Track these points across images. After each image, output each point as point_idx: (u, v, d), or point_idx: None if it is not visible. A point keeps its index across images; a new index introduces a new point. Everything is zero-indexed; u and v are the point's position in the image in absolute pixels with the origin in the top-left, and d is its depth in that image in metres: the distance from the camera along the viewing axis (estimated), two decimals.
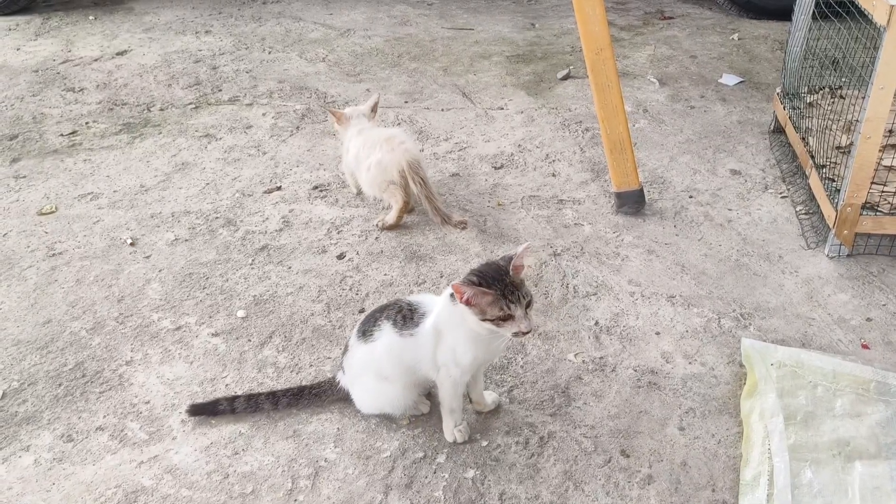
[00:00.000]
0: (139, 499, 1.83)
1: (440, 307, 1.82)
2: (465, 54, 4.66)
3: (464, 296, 1.68)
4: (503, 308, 1.68)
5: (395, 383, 1.93)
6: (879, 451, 1.88)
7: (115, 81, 4.26)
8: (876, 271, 2.58)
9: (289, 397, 2.05)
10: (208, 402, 2.05)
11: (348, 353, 1.99)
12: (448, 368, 1.84)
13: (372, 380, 1.94)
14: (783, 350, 2.16)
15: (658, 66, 4.40)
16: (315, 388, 2.08)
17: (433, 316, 1.83)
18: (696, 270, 2.63)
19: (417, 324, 1.84)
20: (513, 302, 1.69)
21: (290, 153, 3.47)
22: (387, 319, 1.87)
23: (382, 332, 1.87)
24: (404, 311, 1.87)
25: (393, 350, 1.87)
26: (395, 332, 1.86)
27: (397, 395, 1.95)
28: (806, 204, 2.93)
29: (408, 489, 1.85)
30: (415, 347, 1.85)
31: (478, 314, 1.70)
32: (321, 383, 2.09)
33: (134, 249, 2.77)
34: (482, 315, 1.70)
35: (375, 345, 1.88)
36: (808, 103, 3.28)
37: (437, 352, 1.83)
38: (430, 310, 1.85)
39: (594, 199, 3.07)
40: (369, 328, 1.91)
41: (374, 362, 1.91)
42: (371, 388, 1.96)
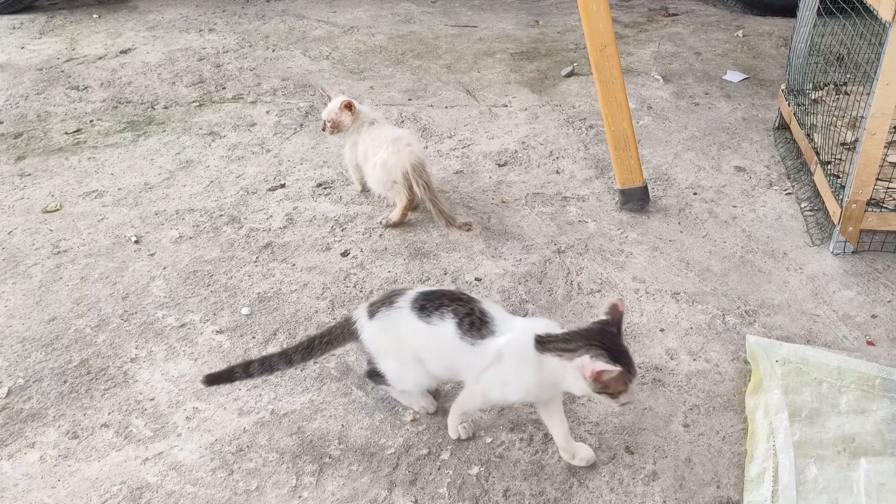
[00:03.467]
0: (144, 495, 1.84)
1: (516, 343, 1.71)
2: (468, 52, 4.66)
3: (602, 377, 1.56)
4: (626, 383, 1.60)
5: (424, 365, 1.87)
6: (885, 448, 1.88)
7: (119, 80, 4.26)
8: (881, 268, 2.57)
9: (301, 352, 1.95)
10: (224, 371, 1.97)
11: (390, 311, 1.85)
12: (490, 391, 1.77)
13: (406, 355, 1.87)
14: (788, 347, 2.15)
15: (662, 63, 4.39)
16: (326, 335, 1.97)
17: (504, 342, 1.72)
18: (701, 267, 2.62)
19: (484, 337, 1.74)
20: (633, 375, 1.62)
21: (293, 151, 3.47)
22: (453, 315, 1.77)
23: (444, 324, 1.77)
24: (474, 317, 1.76)
25: (444, 345, 1.78)
26: (458, 332, 1.76)
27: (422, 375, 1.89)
28: (811, 200, 2.92)
29: (412, 486, 1.86)
30: (468, 356, 1.76)
31: (596, 387, 1.60)
32: (331, 329, 1.98)
33: (138, 247, 2.78)
34: (601, 388, 1.60)
35: (429, 328, 1.79)
36: (812, 100, 3.27)
37: (488, 372, 1.74)
38: (500, 328, 1.75)
39: (598, 196, 3.07)
40: (431, 309, 1.79)
41: (418, 341, 1.83)
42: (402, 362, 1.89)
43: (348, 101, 2.89)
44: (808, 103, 3.26)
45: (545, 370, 1.67)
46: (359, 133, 2.92)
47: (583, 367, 1.58)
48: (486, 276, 2.60)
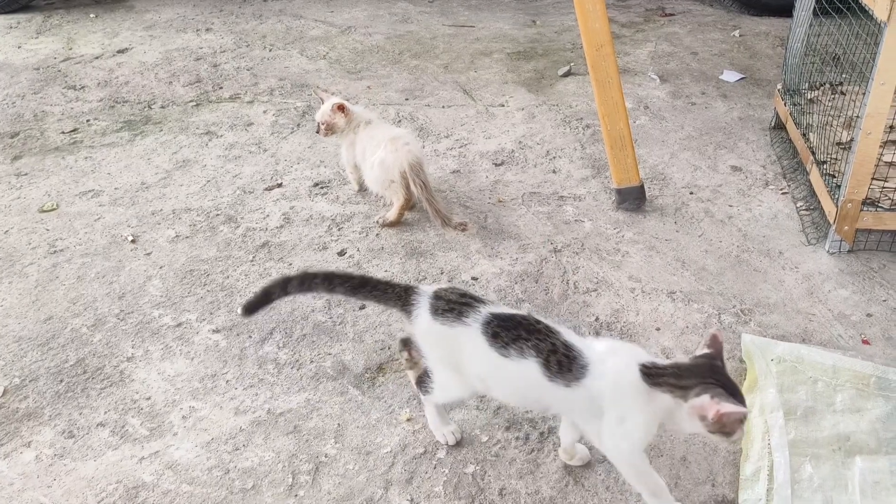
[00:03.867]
0: (140, 494, 1.84)
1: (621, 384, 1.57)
2: (466, 51, 4.66)
3: (723, 418, 1.46)
4: (742, 421, 1.49)
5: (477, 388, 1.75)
6: (880, 447, 1.88)
7: (116, 79, 4.26)
8: (877, 267, 2.58)
9: (346, 285, 1.80)
10: (259, 295, 1.86)
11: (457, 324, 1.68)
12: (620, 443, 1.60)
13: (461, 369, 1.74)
14: (783, 345, 2.15)
15: (659, 63, 4.39)
16: (379, 287, 1.79)
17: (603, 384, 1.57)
18: (697, 266, 2.63)
19: (577, 378, 1.57)
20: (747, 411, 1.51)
21: (290, 150, 3.47)
22: (535, 353, 1.60)
23: (525, 362, 1.61)
24: (560, 354, 1.59)
25: (528, 384, 1.63)
26: (544, 373, 1.59)
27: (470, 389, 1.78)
28: (807, 200, 2.93)
29: (408, 484, 1.86)
30: (562, 397, 1.61)
31: (714, 427, 1.49)
32: (387, 287, 1.79)
33: (135, 246, 2.78)
34: (718, 429, 1.49)
35: (504, 361, 1.63)
36: (808, 99, 3.28)
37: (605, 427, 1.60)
38: (590, 360, 1.59)
39: (595, 195, 3.07)
40: (506, 340, 1.63)
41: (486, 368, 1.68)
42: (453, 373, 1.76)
43: (340, 103, 2.90)
44: (805, 103, 3.27)
45: (654, 403, 1.55)
46: (356, 133, 2.92)
47: (703, 408, 1.47)
48: (483, 276, 2.60)
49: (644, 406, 1.55)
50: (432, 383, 1.82)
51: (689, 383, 1.52)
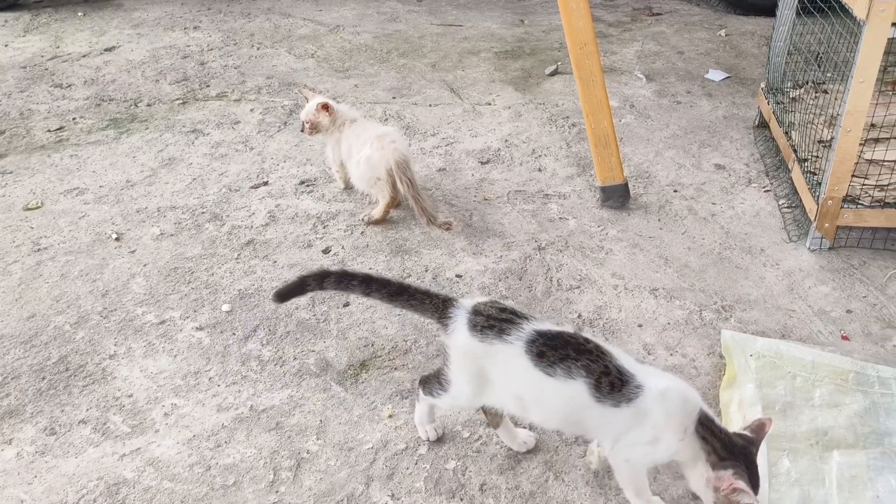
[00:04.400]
0: (121, 491, 1.84)
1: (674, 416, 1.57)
2: (453, 50, 4.67)
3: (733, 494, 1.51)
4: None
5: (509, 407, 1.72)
6: (857, 441, 1.90)
7: (102, 77, 4.25)
8: (857, 264, 2.60)
9: (383, 291, 1.77)
10: (295, 283, 1.84)
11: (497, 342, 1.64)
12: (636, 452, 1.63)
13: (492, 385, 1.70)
14: (762, 341, 2.17)
15: (645, 62, 4.41)
16: (416, 296, 1.76)
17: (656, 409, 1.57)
18: (680, 263, 2.64)
19: (629, 399, 1.56)
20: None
21: (277, 149, 3.47)
22: (586, 373, 1.57)
23: (572, 382, 1.57)
24: (612, 377, 1.57)
25: (570, 402, 1.60)
26: (592, 395, 1.57)
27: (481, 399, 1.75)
28: (789, 198, 2.95)
29: (389, 480, 1.87)
30: (605, 418, 1.59)
31: (720, 500, 1.55)
32: (423, 296, 1.75)
33: (119, 244, 2.77)
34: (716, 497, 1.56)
35: (549, 381, 1.59)
36: (791, 98, 3.30)
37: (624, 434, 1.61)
38: (646, 388, 1.57)
39: (579, 193, 3.09)
40: (553, 359, 1.59)
41: (527, 386, 1.64)
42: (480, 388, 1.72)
43: (324, 102, 2.91)
44: (788, 101, 3.29)
45: (686, 446, 1.57)
46: (341, 131, 2.93)
47: (721, 480, 1.53)
48: (467, 273, 2.61)
49: (678, 441, 1.58)
50: (444, 392, 1.77)
51: (726, 456, 1.56)
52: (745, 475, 1.53)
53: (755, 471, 1.57)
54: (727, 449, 1.57)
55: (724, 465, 1.55)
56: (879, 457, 1.86)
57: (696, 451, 1.58)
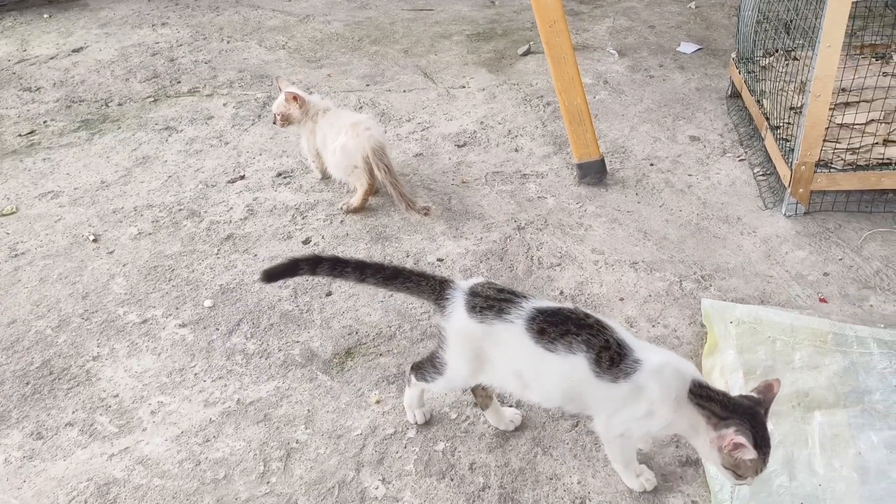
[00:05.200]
0: (111, 490, 1.84)
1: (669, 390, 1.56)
2: (425, 35, 4.65)
3: (739, 451, 1.49)
4: (758, 471, 1.52)
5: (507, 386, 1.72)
6: (838, 400, 1.93)
7: (72, 79, 4.20)
8: (832, 227, 2.63)
9: (378, 276, 1.75)
10: (286, 264, 1.80)
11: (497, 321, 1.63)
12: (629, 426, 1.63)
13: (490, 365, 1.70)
14: (742, 308, 2.20)
15: (617, 38, 4.42)
16: (413, 279, 1.74)
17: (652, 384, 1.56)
18: (658, 236, 2.66)
19: (627, 374, 1.56)
20: (766, 465, 1.54)
21: (252, 142, 3.45)
22: (586, 348, 1.57)
23: (572, 356, 1.57)
24: (612, 351, 1.57)
25: (570, 378, 1.60)
26: (592, 368, 1.57)
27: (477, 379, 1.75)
28: (763, 165, 2.97)
29: (379, 465, 1.88)
30: (603, 393, 1.59)
31: (728, 461, 1.53)
32: (420, 279, 1.74)
33: (97, 245, 2.75)
34: (732, 464, 1.53)
35: (550, 357, 1.59)
36: (762, 66, 3.32)
37: (620, 409, 1.61)
38: (644, 363, 1.57)
39: (557, 171, 3.10)
40: (554, 335, 1.59)
41: (528, 364, 1.64)
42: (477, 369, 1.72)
43: (294, 93, 2.90)
44: (759, 70, 3.31)
45: (684, 417, 1.57)
46: (314, 121, 2.92)
47: (721, 438, 1.51)
48: (448, 256, 2.62)
49: (674, 413, 1.57)
50: (439, 375, 1.77)
51: (727, 416, 1.54)
52: (749, 431, 1.49)
53: (761, 429, 1.53)
54: (727, 409, 1.55)
55: (725, 424, 1.52)
56: (860, 414, 1.89)
57: (695, 419, 1.56)
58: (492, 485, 1.81)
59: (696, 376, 1.60)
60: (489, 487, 1.81)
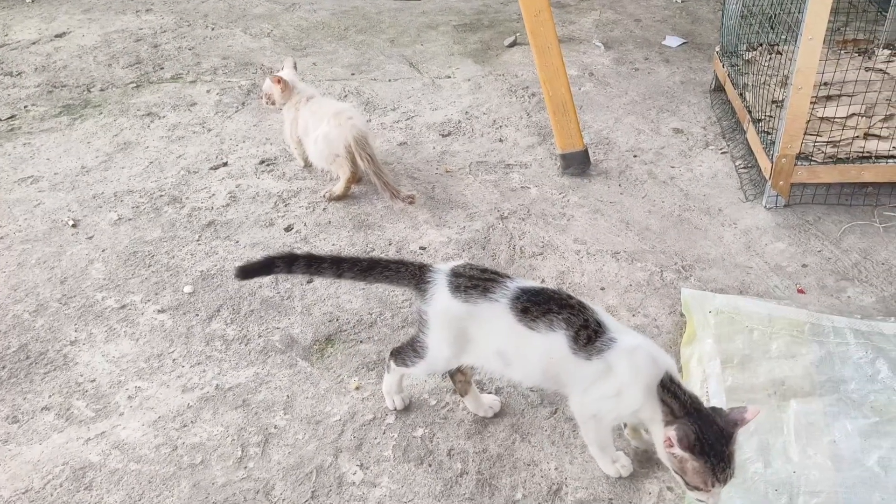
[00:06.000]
0: (87, 474, 1.83)
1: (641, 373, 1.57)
2: (412, 25, 4.64)
3: (674, 449, 1.49)
4: (706, 483, 1.50)
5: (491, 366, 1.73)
6: (813, 389, 1.95)
7: (53, 64, 4.15)
8: (812, 219, 2.65)
9: (356, 270, 1.75)
10: (262, 261, 1.79)
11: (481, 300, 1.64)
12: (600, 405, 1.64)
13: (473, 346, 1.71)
14: (721, 298, 2.21)
15: (603, 31, 4.42)
16: (390, 268, 1.75)
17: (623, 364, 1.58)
18: (640, 227, 2.67)
19: (601, 351, 1.57)
20: (719, 481, 1.49)
21: (236, 129, 3.43)
22: (566, 325, 1.59)
23: (552, 334, 1.59)
24: (591, 329, 1.59)
25: (550, 356, 1.62)
26: (570, 345, 1.59)
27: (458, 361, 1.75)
28: (745, 158, 2.99)
29: (357, 450, 1.88)
30: (578, 372, 1.61)
31: (673, 463, 1.54)
32: (398, 266, 1.75)
33: (76, 231, 2.73)
34: (678, 467, 1.53)
35: (532, 335, 1.61)
36: (746, 60, 3.34)
37: (591, 387, 1.62)
38: (618, 342, 1.59)
39: (541, 162, 3.10)
40: (536, 314, 1.61)
41: (510, 343, 1.65)
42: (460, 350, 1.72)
43: (278, 76, 2.89)
44: (742, 64, 3.33)
45: (649, 405, 1.57)
46: (297, 109, 2.90)
47: (666, 439, 1.52)
48: (431, 245, 2.62)
49: (642, 396, 1.57)
50: (419, 359, 1.76)
51: (681, 416, 1.53)
52: (693, 435, 1.47)
53: (713, 438, 1.49)
54: (685, 410, 1.54)
55: (672, 423, 1.52)
56: (835, 403, 1.91)
57: (655, 412, 1.57)
58: (470, 471, 1.82)
59: (671, 370, 1.60)
60: (467, 473, 1.81)
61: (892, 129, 2.76)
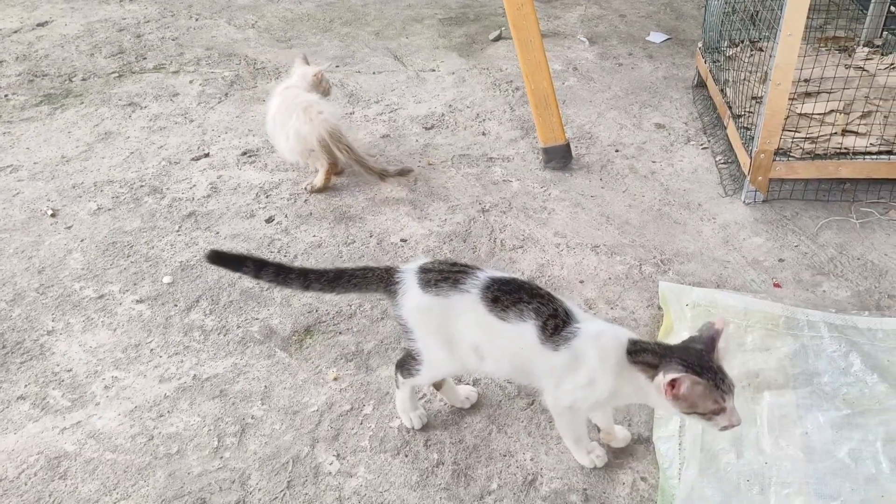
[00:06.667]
0: (62, 464, 1.82)
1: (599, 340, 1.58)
2: (397, 18, 4.63)
3: (679, 389, 1.46)
4: (717, 401, 1.48)
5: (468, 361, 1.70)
6: (787, 382, 1.97)
7: (35, 53, 4.12)
8: (789, 215, 2.67)
9: (322, 281, 1.73)
10: (235, 256, 1.80)
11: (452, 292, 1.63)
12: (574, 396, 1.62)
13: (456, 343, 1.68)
14: (698, 291, 2.23)
15: (588, 26, 4.43)
16: (357, 276, 1.73)
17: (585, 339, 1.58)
18: (620, 220, 2.69)
19: (567, 340, 1.57)
20: (726, 392, 1.49)
21: (218, 120, 3.42)
22: (536, 315, 1.58)
23: (522, 324, 1.58)
24: (559, 318, 1.58)
25: (520, 347, 1.61)
26: (538, 334, 1.58)
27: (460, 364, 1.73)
28: (725, 154, 3.01)
29: (334, 441, 1.88)
30: (546, 363, 1.60)
31: (682, 406, 1.50)
32: (365, 272, 1.73)
33: (55, 220, 2.71)
34: (690, 409, 1.50)
35: (502, 325, 1.60)
36: (728, 56, 3.36)
37: (563, 379, 1.61)
38: (582, 330, 1.58)
39: (523, 155, 3.11)
40: (507, 303, 1.60)
41: (482, 335, 1.64)
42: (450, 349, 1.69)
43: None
44: (724, 60, 3.35)
45: (624, 378, 1.56)
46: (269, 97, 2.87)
47: (659, 388, 1.50)
48: (412, 237, 2.62)
49: (615, 377, 1.56)
50: (419, 365, 1.73)
51: (657, 362, 1.52)
52: (679, 364, 1.48)
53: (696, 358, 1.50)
54: (658, 356, 1.54)
55: (656, 372, 1.51)
56: (808, 396, 1.93)
57: (636, 378, 1.55)
58: (446, 461, 1.82)
59: (631, 337, 1.60)
60: (443, 464, 1.82)
61: (869, 125, 2.78)
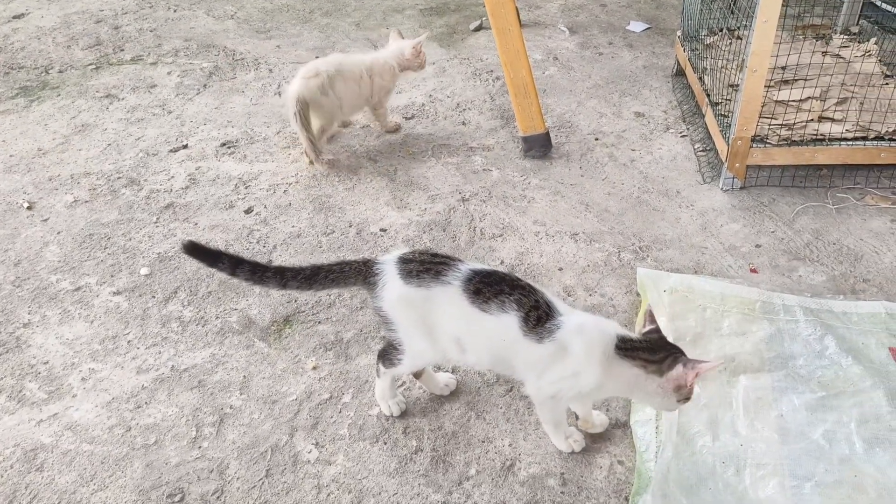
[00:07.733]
0: (38, 456, 1.81)
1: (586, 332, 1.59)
2: (378, 9, 4.61)
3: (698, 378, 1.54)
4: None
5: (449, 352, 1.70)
6: (763, 365, 1.99)
7: (11, 45, 4.07)
8: (766, 201, 2.69)
9: (299, 279, 1.71)
10: (212, 250, 1.76)
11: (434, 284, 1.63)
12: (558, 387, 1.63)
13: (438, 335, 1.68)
14: (675, 277, 2.24)
15: (569, 16, 4.43)
16: (334, 271, 1.71)
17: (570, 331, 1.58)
18: (600, 208, 2.70)
19: (551, 332, 1.57)
20: None
21: (196, 111, 3.39)
22: (518, 307, 1.58)
23: (504, 316, 1.58)
24: (541, 311, 1.58)
25: (501, 338, 1.61)
26: (521, 326, 1.58)
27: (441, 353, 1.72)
28: (703, 141, 3.03)
29: (313, 429, 1.88)
30: (529, 354, 1.60)
31: (682, 394, 1.57)
32: (342, 267, 1.72)
33: (31, 213, 2.69)
34: (685, 396, 1.57)
35: (484, 317, 1.59)
36: (706, 45, 3.37)
37: (553, 370, 1.61)
38: (565, 322, 1.58)
39: (503, 145, 3.11)
40: (489, 295, 1.59)
41: (463, 326, 1.64)
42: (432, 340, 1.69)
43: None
44: (702, 48, 3.36)
45: (614, 373, 1.57)
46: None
47: (679, 378, 1.54)
48: (392, 227, 2.62)
49: (602, 370, 1.57)
50: (401, 355, 1.74)
51: (660, 358, 1.56)
52: (685, 356, 1.56)
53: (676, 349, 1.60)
54: (654, 350, 1.58)
55: (669, 365, 1.55)
56: (783, 378, 1.95)
57: (631, 373, 1.57)
58: (424, 448, 1.83)
59: (619, 332, 1.61)
60: (422, 450, 1.82)
61: (845, 112, 2.81)
